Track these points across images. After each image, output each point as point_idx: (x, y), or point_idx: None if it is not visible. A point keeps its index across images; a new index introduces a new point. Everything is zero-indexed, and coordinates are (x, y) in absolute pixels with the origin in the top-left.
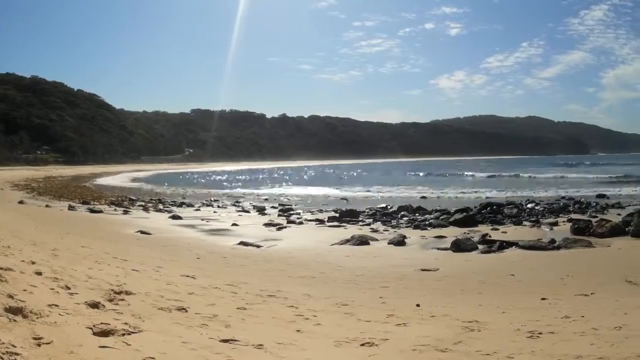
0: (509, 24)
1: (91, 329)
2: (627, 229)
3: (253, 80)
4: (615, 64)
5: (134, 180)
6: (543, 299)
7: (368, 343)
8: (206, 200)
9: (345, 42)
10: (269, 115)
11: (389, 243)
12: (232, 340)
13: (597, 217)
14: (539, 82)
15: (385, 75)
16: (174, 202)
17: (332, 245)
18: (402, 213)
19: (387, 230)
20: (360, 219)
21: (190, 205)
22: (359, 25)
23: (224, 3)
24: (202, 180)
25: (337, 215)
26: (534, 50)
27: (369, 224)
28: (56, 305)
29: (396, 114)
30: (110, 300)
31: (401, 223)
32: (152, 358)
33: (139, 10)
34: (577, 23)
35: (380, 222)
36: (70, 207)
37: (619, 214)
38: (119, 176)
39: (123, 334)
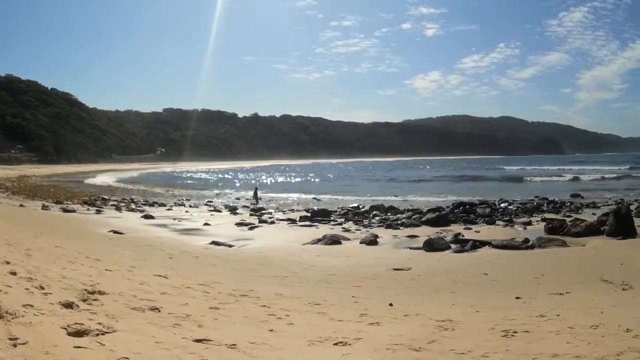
0: (487, 25)
1: (66, 329)
2: (602, 228)
3: (228, 79)
4: (592, 65)
5: (116, 180)
6: (517, 298)
7: (341, 342)
8: (178, 200)
9: (322, 41)
10: (240, 115)
11: (361, 242)
12: (205, 340)
13: (571, 216)
14: (514, 83)
15: (360, 75)
16: (146, 201)
17: (304, 244)
18: (374, 212)
19: (359, 230)
20: (332, 218)
21: (162, 204)
22: (336, 25)
23: (201, 1)
24: (177, 180)
25: (309, 215)
26: (510, 51)
27: (340, 224)
28: (31, 306)
29: (370, 114)
30: (84, 300)
31: (373, 223)
32: (126, 358)
33: (112, 9)
34: (555, 25)
35: (352, 222)
36: (44, 207)
37: (594, 214)
38: (100, 175)
39: (97, 334)
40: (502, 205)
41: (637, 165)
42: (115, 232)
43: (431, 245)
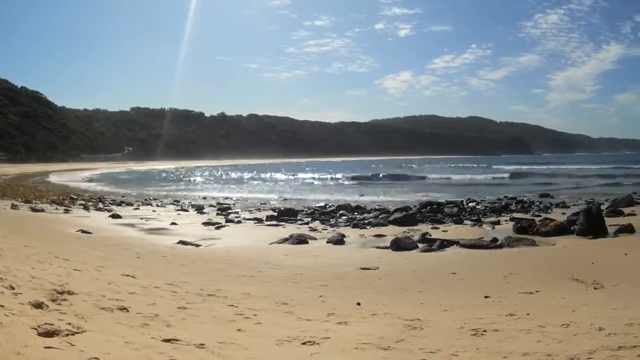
0: (461, 26)
1: (36, 329)
2: (572, 228)
3: (198, 78)
4: (564, 66)
5: (85, 179)
6: (486, 297)
7: (309, 342)
8: (145, 199)
9: (294, 41)
10: (207, 114)
11: (327, 242)
12: (173, 339)
13: (540, 216)
14: (485, 84)
15: (330, 75)
16: (114, 200)
17: (270, 244)
18: (341, 212)
19: (326, 229)
20: (298, 218)
21: (129, 204)
22: (309, 24)
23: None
24: (144, 179)
25: (276, 214)
26: (482, 52)
27: (307, 223)
28: (1, 306)
29: (339, 114)
30: (54, 301)
31: (340, 222)
32: (96, 358)
33: (81, 8)
34: (530, 26)
35: (318, 221)
36: (13, 206)
37: (564, 213)
38: (69, 174)
39: (67, 335)
40: (470, 204)
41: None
42: (83, 231)
43: (398, 245)
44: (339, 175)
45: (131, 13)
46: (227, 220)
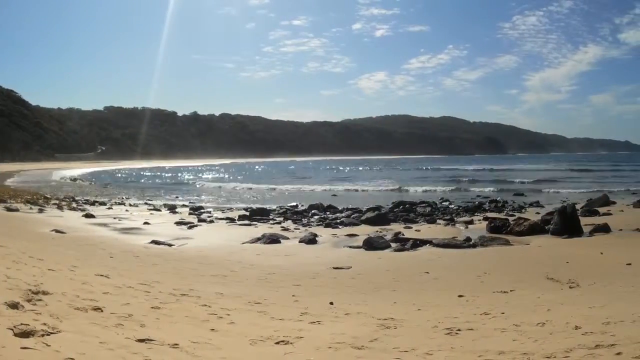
0: (438, 27)
1: (12, 329)
2: (547, 227)
3: (173, 78)
4: (541, 67)
5: (59, 178)
6: (460, 296)
7: (283, 341)
8: (118, 199)
9: (271, 40)
10: (181, 113)
11: (300, 241)
12: (148, 339)
13: (514, 215)
14: (461, 84)
15: (306, 75)
16: (87, 200)
17: (243, 243)
18: (313, 211)
19: (298, 229)
20: (270, 217)
21: (102, 203)
22: (286, 24)
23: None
24: (118, 179)
25: (248, 213)
26: (458, 53)
27: (279, 223)
28: None
29: (313, 113)
30: (29, 301)
31: (312, 221)
32: (71, 359)
33: (55, 6)
34: (508, 27)
35: (291, 221)
36: None
37: (538, 213)
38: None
39: (43, 335)
40: (443, 204)
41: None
42: (57, 231)
43: (371, 244)
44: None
45: (106, 11)
46: (200, 220)
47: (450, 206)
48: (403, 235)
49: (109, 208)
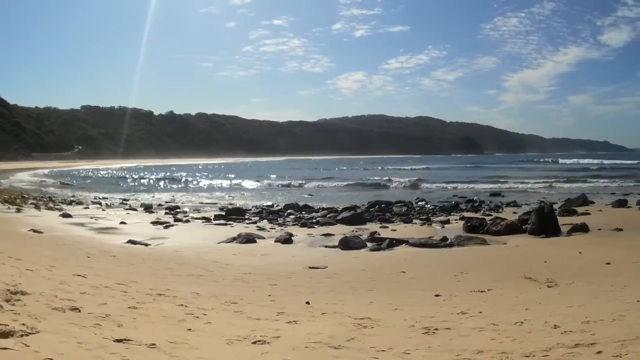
0: (419, 27)
1: None
2: (524, 227)
3: (152, 77)
4: (520, 68)
5: (36, 178)
6: (437, 295)
7: (260, 341)
8: (95, 198)
9: (251, 40)
10: (157, 113)
11: (276, 241)
12: (125, 339)
13: (491, 215)
14: (439, 85)
15: (284, 75)
16: (64, 199)
17: (219, 243)
18: (289, 211)
19: (274, 229)
20: (246, 217)
21: (79, 203)
22: (267, 23)
23: None
24: (95, 178)
25: (224, 213)
26: (438, 53)
27: (255, 222)
28: None
29: (290, 113)
30: (7, 301)
31: (288, 221)
32: (50, 359)
33: (31, 4)
34: (489, 29)
35: (266, 220)
36: None
37: (515, 212)
38: (20, 173)
39: (22, 335)
40: (419, 204)
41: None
42: (34, 231)
43: (347, 244)
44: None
45: (85, 10)
46: (176, 220)
47: (426, 206)
48: (379, 234)
49: (85, 207)
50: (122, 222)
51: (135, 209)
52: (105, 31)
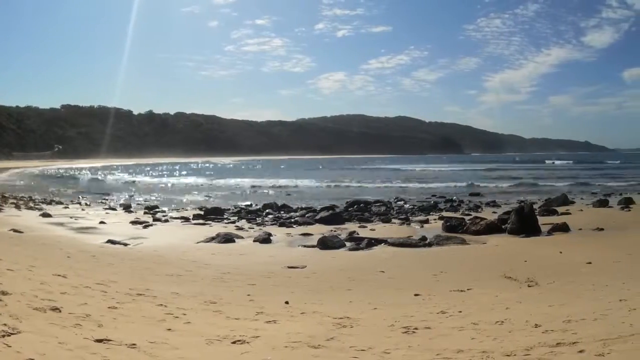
0: (401, 28)
1: None
2: (504, 226)
3: (133, 76)
4: (501, 68)
5: (16, 178)
6: (416, 295)
7: (239, 341)
8: (74, 198)
9: (233, 39)
10: (136, 112)
11: (254, 241)
12: (105, 340)
13: (470, 215)
14: (420, 85)
15: (265, 74)
16: (45, 199)
17: (198, 243)
18: (267, 211)
19: (253, 228)
20: (225, 216)
21: (59, 202)
22: (249, 23)
23: None
24: (74, 178)
25: (202, 213)
26: (419, 54)
27: (234, 222)
28: None
29: (270, 113)
30: None
31: (266, 221)
32: (32, 359)
33: (10, 1)
34: (471, 29)
35: (245, 220)
36: None
37: (495, 212)
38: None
39: (3, 335)
40: (398, 203)
41: None
42: (15, 230)
43: (325, 244)
44: None
45: (65, 7)
46: (155, 219)
47: (405, 205)
48: (358, 234)
49: (65, 207)
50: (101, 222)
51: (114, 209)
52: (86, 30)
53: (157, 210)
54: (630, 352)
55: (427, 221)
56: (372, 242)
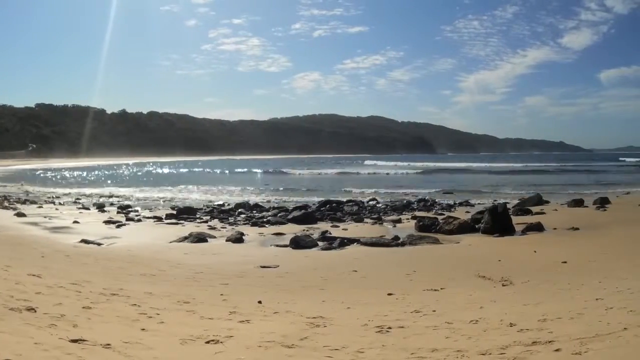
0: (378, 28)
1: None
2: (477, 226)
3: (109, 75)
4: (477, 69)
5: None
6: (390, 294)
7: (213, 340)
8: (48, 197)
9: (210, 38)
10: (109, 111)
11: (227, 240)
12: (81, 340)
13: (443, 214)
14: (394, 85)
15: (241, 74)
16: (19, 199)
17: (170, 242)
18: (240, 210)
19: (225, 228)
20: (197, 216)
21: (33, 202)
22: (227, 22)
23: None
24: (48, 177)
25: (175, 212)
26: (395, 54)
27: (206, 222)
28: None
29: (245, 112)
30: None
31: (239, 220)
32: None
33: None
34: (449, 30)
35: (217, 220)
36: None
37: (468, 212)
38: None
39: None
40: (371, 203)
41: None
42: None
43: (298, 243)
44: None
45: (40, 5)
46: (128, 219)
47: (377, 205)
48: (330, 234)
49: (39, 207)
50: (75, 221)
51: (87, 208)
52: (63, 28)
53: (130, 209)
54: (608, 350)
55: (399, 221)
56: (345, 242)
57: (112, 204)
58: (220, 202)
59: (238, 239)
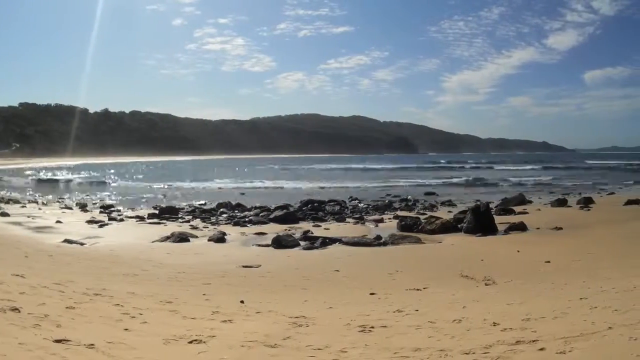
0: (364, 28)
1: None
2: (459, 226)
3: (93, 74)
4: (459, 69)
5: None
6: (372, 294)
7: (196, 340)
8: (31, 197)
9: (195, 38)
10: (91, 110)
11: (209, 240)
12: (64, 340)
13: (425, 214)
14: (377, 85)
15: (225, 73)
16: (2, 198)
17: (153, 242)
18: (222, 210)
19: (207, 227)
20: (179, 215)
21: (17, 201)
22: (212, 22)
23: None
24: (32, 177)
25: (157, 212)
26: (379, 54)
27: (188, 221)
28: None
29: (228, 112)
30: None
31: (221, 220)
32: None
33: None
34: (433, 31)
35: (199, 219)
36: None
37: (450, 212)
38: None
39: None
40: (353, 202)
41: None
42: None
43: (280, 243)
44: None
45: (24, 3)
46: (110, 218)
47: (359, 205)
48: (312, 233)
49: (22, 206)
50: (58, 221)
51: (70, 208)
52: (47, 27)
53: (112, 209)
54: (593, 349)
55: (381, 220)
56: (327, 241)
57: (94, 204)
58: (202, 202)
59: (220, 238)
